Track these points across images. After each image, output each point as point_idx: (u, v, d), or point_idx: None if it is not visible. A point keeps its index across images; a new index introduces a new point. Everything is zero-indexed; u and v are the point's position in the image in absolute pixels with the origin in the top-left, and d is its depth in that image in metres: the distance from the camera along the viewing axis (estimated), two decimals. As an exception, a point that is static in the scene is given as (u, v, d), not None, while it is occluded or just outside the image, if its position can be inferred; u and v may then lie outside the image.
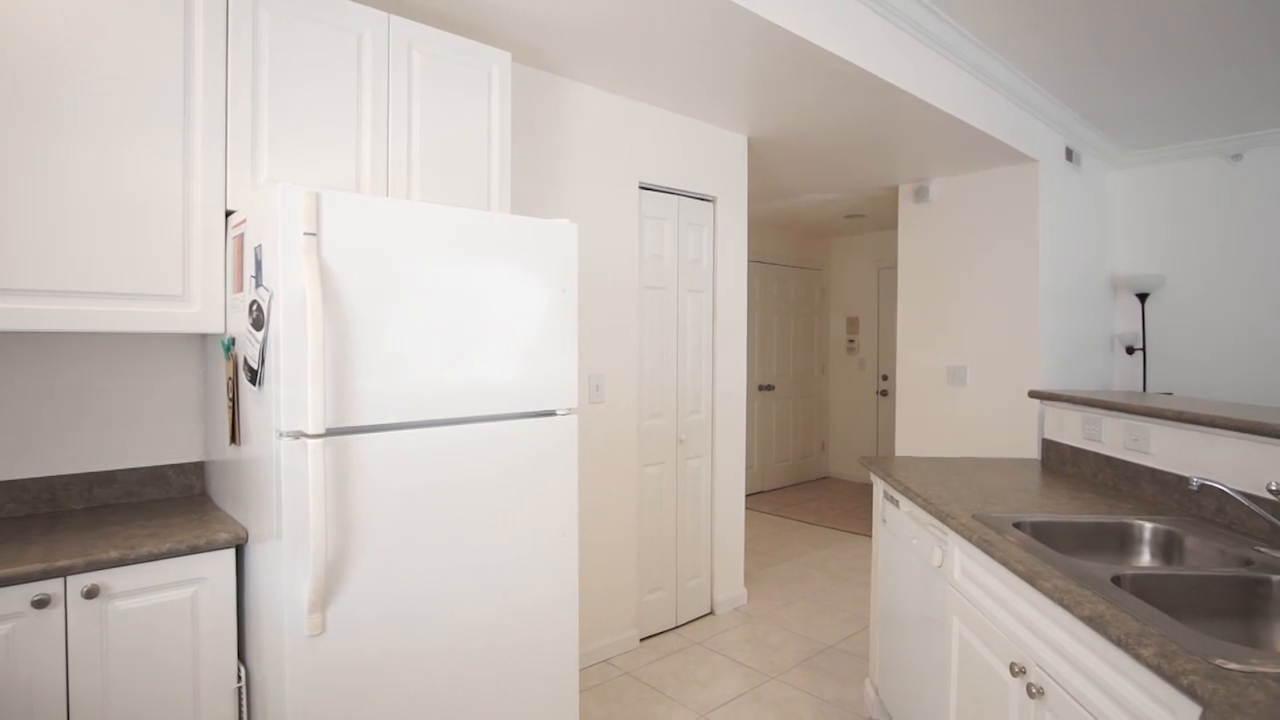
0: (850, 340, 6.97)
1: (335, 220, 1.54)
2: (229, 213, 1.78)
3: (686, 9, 2.20)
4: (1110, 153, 4.59)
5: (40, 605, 1.40)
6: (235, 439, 1.75)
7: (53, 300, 1.57)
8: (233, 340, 1.75)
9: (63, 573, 1.42)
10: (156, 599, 1.54)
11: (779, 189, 4.83)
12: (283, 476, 1.48)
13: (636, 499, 3.19)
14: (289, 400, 1.48)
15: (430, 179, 2.11)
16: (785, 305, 6.67)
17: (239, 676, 1.68)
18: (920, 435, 4.46)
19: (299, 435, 1.50)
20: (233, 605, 1.65)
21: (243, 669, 1.69)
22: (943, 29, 2.89)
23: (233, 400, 1.75)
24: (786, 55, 2.53)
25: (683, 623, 3.43)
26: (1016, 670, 1.47)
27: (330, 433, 1.55)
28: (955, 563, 1.86)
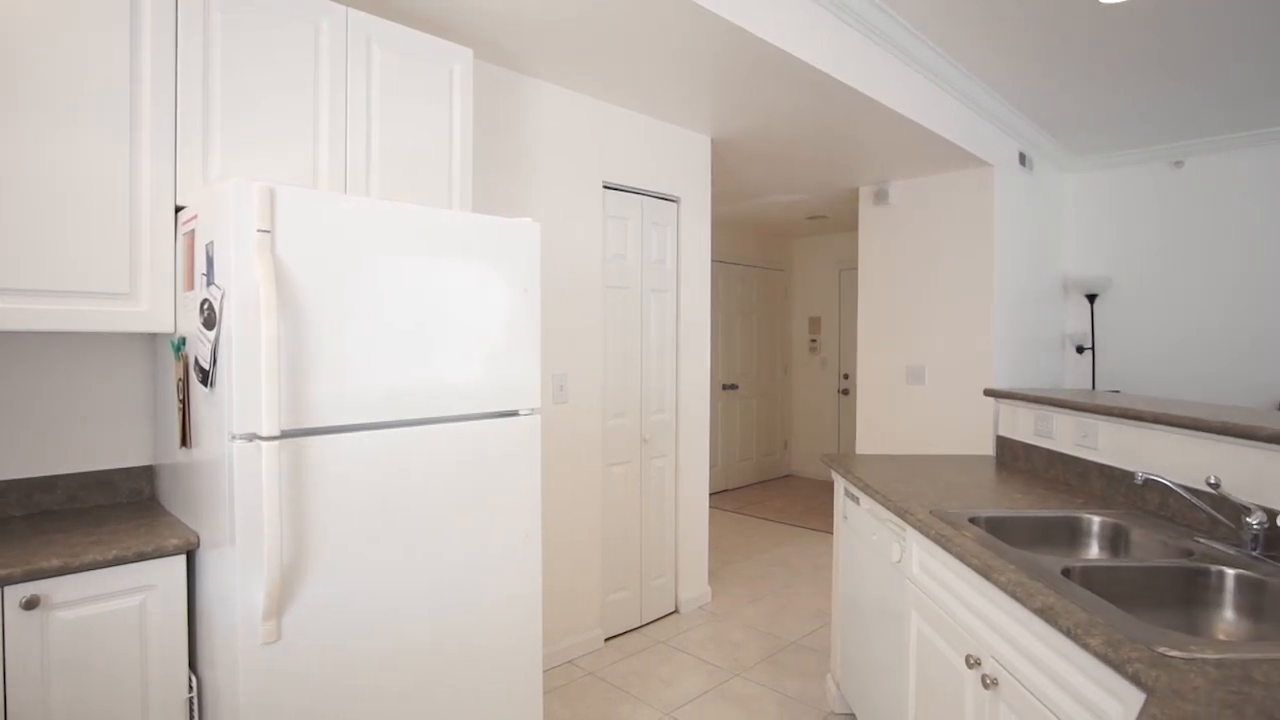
0: (812, 340, 7.06)
1: (291, 217, 1.51)
2: (179, 208, 1.73)
3: (649, 7, 2.20)
4: (1061, 158, 4.73)
5: (-25, 617, 1.34)
6: (186, 442, 1.69)
7: (-11, 298, 1.50)
8: (183, 340, 1.69)
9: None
10: (102, 608, 1.49)
11: (742, 190, 4.87)
12: (236, 480, 1.44)
13: (601, 499, 3.18)
14: (242, 401, 1.44)
15: (390, 176, 2.07)
16: (748, 305, 6.73)
17: (190, 687, 1.63)
18: (881, 433, 4.54)
19: (253, 437, 1.46)
20: (184, 613, 1.60)
21: (194, 679, 1.64)
22: (901, 34, 2.94)
23: (183, 402, 1.70)
24: (748, 57, 2.55)
25: (647, 622, 3.43)
26: (972, 662, 1.51)
27: (285, 435, 1.51)
28: (914, 558, 1.90)
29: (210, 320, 1.51)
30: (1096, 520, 1.88)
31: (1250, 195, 4.27)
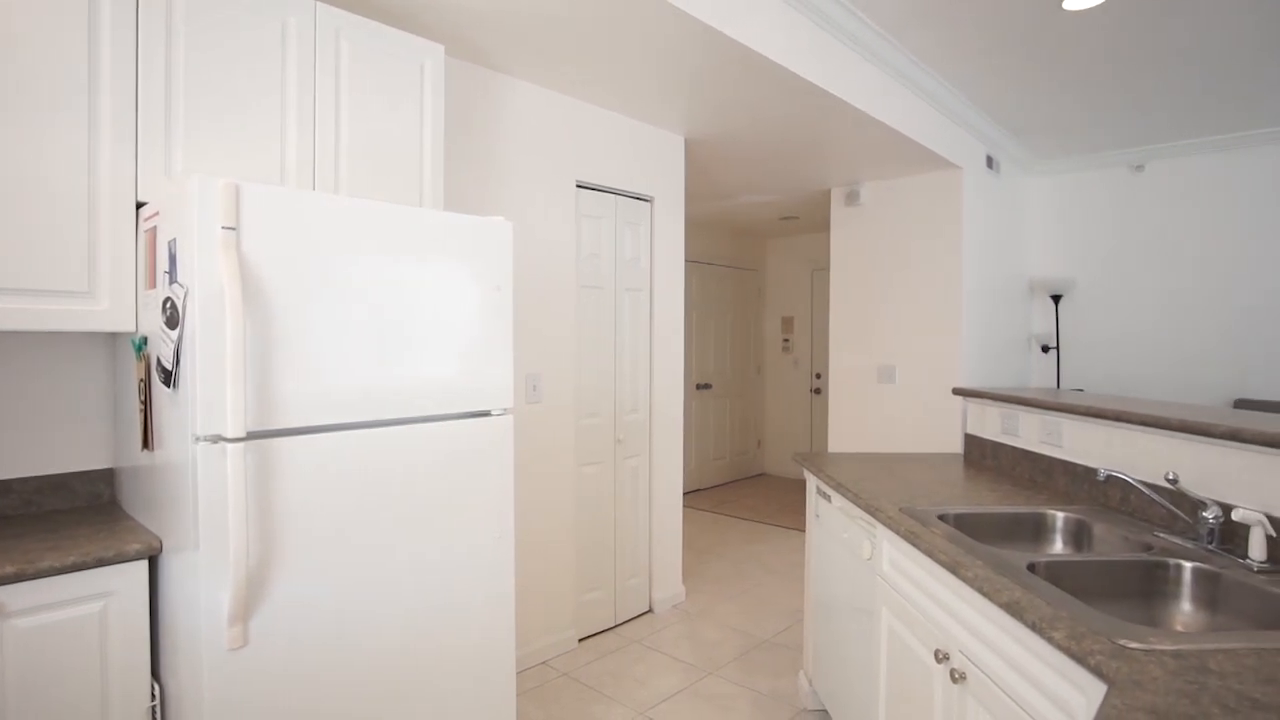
0: (785, 340, 7.12)
1: (258, 214, 1.48)
2: (140, 204, 1.68)
3: (622, 6, 2.20)
4: (1027, 161, 4.83)
5: (-76, 627, 1.29)
6: (148, 444, 1.65)
7: (-62, 296, 1.45)
8: (145, 340, 1.65)
9: (-49, 591, 1.31)
10: (60, 616, 1.45)
11: (716, 190, 4.89)
12: (200, 483, 1.41)
13: (574, 499, 3.17)
14: (206, 402, 1.41)
15: (359, 173, 2.04)
16: (722, 305, 6.76)
17: (153, 695, 1.59)
18: (852, 432, 4.59)
19: (217, 439, 1.43)
20: (145, 620, 1.56)
21: (157, 687, 1.60)
22: (872, 38, 2.98)
23: (145, 403, 1.65)
24: (721, 57, 2.56)
25: (621, 622, 3.43)
26: (940, 657, 1.53)
27: (251, 436, 1.48)
28: (884, 555, 1.92)
29: (173, 319, 1.47)
30: (1061, 516, 1.92)
31: (1207, 199, 4.40)
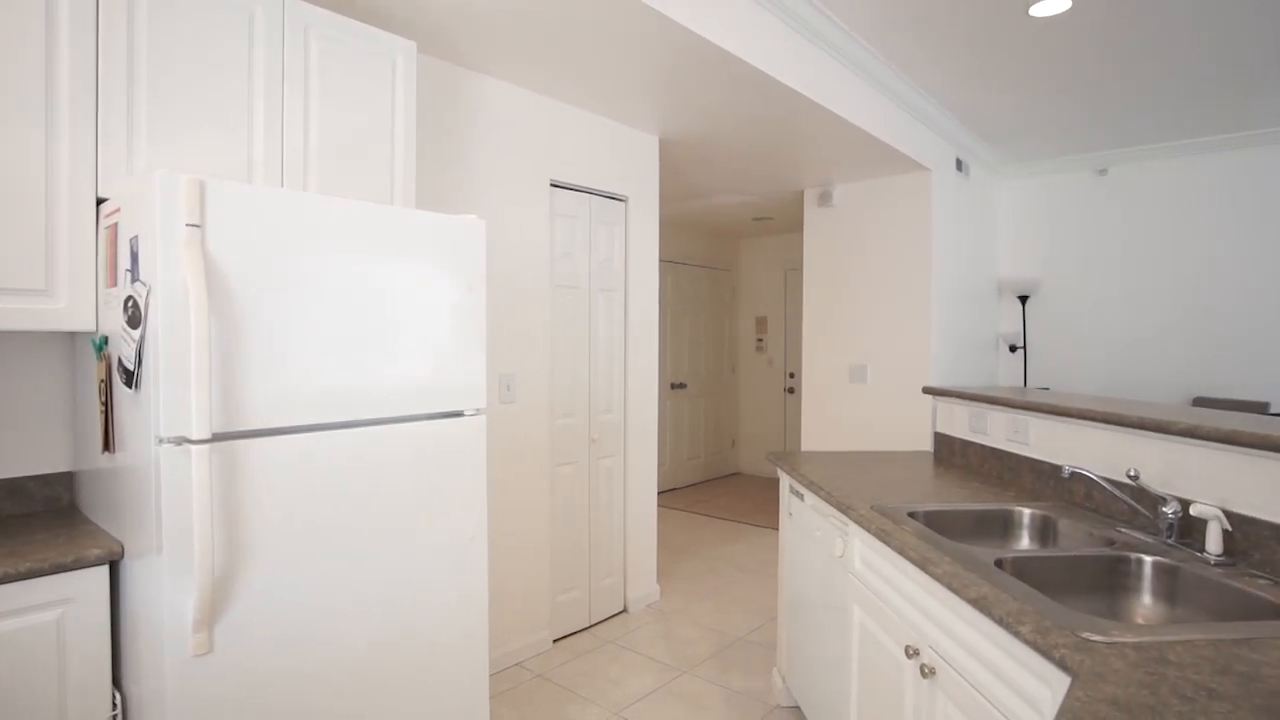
0: (759, 340, 7.16)
1: (223, 211, 1.45)
2: (101, 200, 1.64)
3: (596, 4, 2.20)
4: (995, 164, 4.92)
5: None
6: (109, 446, 1.61)
7: (-115, 294, 1.40)
8: (105, 339, 1.61)
9: (-101, 599, 1.26)
10: (15, 624, 1.40)
11: (690, 190, 4.90)
12: (163, 486, 1.37)
13: (549, 499, 3.16)
14: (169, 403, 1.38)
15: (329, 171, 2.01)
16: (696, 305, 6.78)
17: (114, 704, 1.54)
18: (825, 431, 4.63)
19: (181, 441, 1.39)
20: (106, 627, 1.52)
21: (119, 695, 1.56)
22: (844, 40, 3.01)
23: (106, 404, 1.61)
24: (696, 58, 2.56)
25: (596, 622, 3.42)
26: (911, 652, 1.55)
27: (217, 438, 1.45)
28: (855, 552, 1.94)
29: (135, 318, 1.44)
30: (1027, 512, 1.96)
31: (1169, 202, 4.52)
